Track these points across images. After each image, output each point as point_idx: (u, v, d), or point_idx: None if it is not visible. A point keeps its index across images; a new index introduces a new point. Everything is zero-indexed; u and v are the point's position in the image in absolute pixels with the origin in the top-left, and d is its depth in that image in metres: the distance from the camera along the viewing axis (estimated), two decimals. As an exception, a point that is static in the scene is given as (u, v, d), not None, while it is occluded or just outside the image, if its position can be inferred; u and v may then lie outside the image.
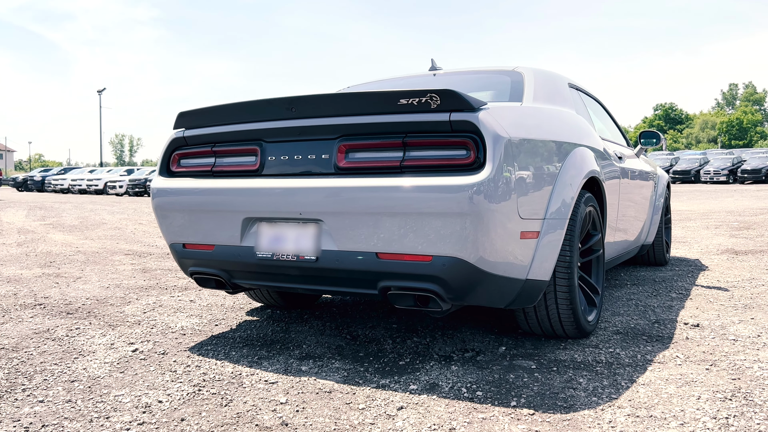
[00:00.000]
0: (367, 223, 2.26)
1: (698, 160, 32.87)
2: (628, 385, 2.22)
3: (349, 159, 2.35)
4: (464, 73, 3.58)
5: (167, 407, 2.09)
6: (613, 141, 3.95)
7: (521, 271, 2.36)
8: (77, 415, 2.02)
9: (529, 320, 2.74)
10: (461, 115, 2.17)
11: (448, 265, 2.18)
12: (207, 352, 2.72)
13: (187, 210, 2.68)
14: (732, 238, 6.77)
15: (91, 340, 2.91)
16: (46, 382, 2.34)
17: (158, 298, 3.92)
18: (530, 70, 3.21)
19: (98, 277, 4.73)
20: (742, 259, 5.20)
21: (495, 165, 2.13)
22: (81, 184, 30.20)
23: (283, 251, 2.44)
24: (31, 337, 2.96)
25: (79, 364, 2.55)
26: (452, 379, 2.31)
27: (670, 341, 2.78)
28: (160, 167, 2.83)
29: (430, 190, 2.13)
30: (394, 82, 3.73)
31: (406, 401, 2.11)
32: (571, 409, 2.01)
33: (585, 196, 2.77)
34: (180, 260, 2.82)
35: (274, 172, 2.50)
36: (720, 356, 2.54)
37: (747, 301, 3.56)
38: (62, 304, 3.73)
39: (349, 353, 2.67)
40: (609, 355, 2.58)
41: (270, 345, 2.82)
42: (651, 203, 4.62)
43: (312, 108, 2.40)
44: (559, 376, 2.33)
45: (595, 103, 4.13)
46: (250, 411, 2.05)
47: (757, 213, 10.20)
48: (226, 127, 2.60)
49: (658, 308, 3.44)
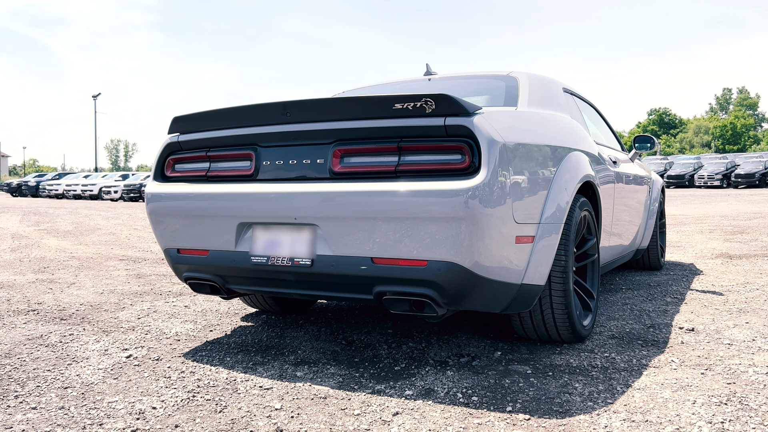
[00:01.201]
0: (363, 228, 2.25)
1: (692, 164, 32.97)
2: (624, 390, 2.22)
3: (344, 164, 2.34)
4: (459, 78, 3.59)
5: (161, 414, 2.07)
6: (607, 145, 3.96)
7: (516, 276, 2.35)
8: (70, 421, 2.01)
9: (524, 325, 2.73)
10: (456, 119, 2.17)
11: (444, 270, 2.18)
12: (201, 358, 2.71)
13: (181, 215, 2.67)
14: (726, 242, 6.79)
15: (84, 346, 2.89)
16: (39, 388, 2.32)
17: (153, 303, 3.90)
18: (525, 75, 3.22)
19: (92, 283, 4.71)
20: (736, 264, 5.21)
21: (490, 169, 2.13)
22: (76, 189, 30.11)
23: (278, 256, 2.43)
24: (24, 344, 2.94)
25: (72, 371, 2.53)
26: (448, 385, 2.30)
27: (666, 345, 2.78)
28: (154, 172, 2.83)
29: (426, 194, 2.13)
30: (389, 86, 3.73)
31: (401, 407, 2.10)
32: (566, 414, 2.01)
33: (580, 201, 2.77)
34: (174, 265, 2.81)
35: (269, 176, 2.49)
36: (715, 360, 2.54)
37: (741, 306, 3.56)
38: (56, 309, 3.71)
39: (345, 359, 2.66)
40: (604, 359, 2.58)
41: (265, 351, 2.80)
42: (646, 207, 4.63)
43: (307, 113, 2.39)
44: (554, 380, 2.33)
45: (590, 108, 4.14)
46: (245, 417, 2.04)
47: (750, 217, 10.24)
48: (221, 131, 2.60)
49: (653, 312, 3.44)
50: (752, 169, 28.89)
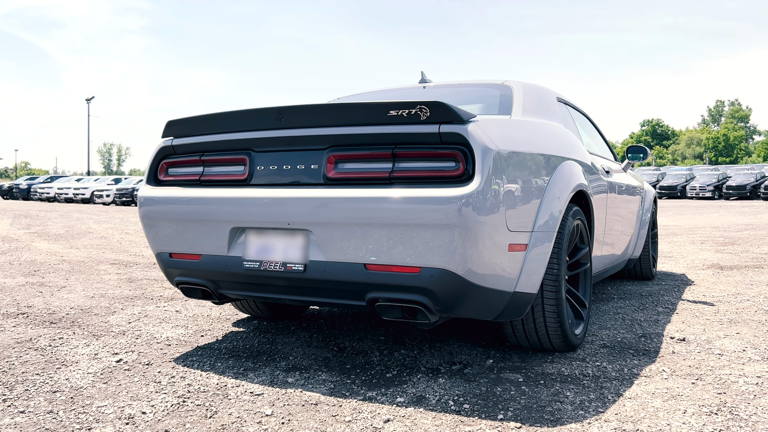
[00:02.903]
0: (356, 234, 2.25)
1: (684, 175, 33.17)
2: (615, 399, 2.22)
3: (338, 169, 2.34)
4: (454, 86, 3.60)
5: (151, 418, 2.06)
6: (600, 155, 3.98)
7: (509, 284, 2.36)
8: (59, 426, 1.99)
9: (516, 333, 2.73)
10: (450, 127, 2.17)
11: (437, 277, 2.18)
12: (192, 363, 2.69)
13: (174, 219, 2.66)
14: (717, 253, 6.83)
15: (74, 350, 2.87)
16: (27, 392, 2.30)
17: (144, 308, 3.88)
18: (519, 84, 3.24)
19: (83, 287, 4.68)
20: (727, 274, 5.24)
21: (484, 177, 2.14)
22: (67, 192, 29.95)
23: (271, 261, 2.43)
24: (13, 347, 2.91)
25: (61, 375, 2.51)
26: (439, 392, 2.30)
27: (657, 355, 2.78)
28: (147, 176, 2.82)
29: (419, 201, 2.13)
30: (384, 93, 3.74)
31: (392, 414, 2.09)
32: (558, 423, 2.00)
33: (573, 210, 2.78)
34: (166, 270, 2.79)
35: (263, 181, 2.49)
36: (706, 370, 2.55)
37: (732, 316, 3.58)
38: (46, 313, 3.68)
39: (336, 365, 2.66)
40: (596, 368, 2.58)
41: (256, 356, 2.79)
42: (638, 217, 4.65)
43: (301, 118, 2.39)
44: (546, 389, 2.33)
45: (583, 118, 4.16)
46: (235, 423, 2.02)
47: (741, 229, 10.30)
48: (215, 136, 2.59)
49: (644, 322, 3.45)
50: (743, 181, 29.08)
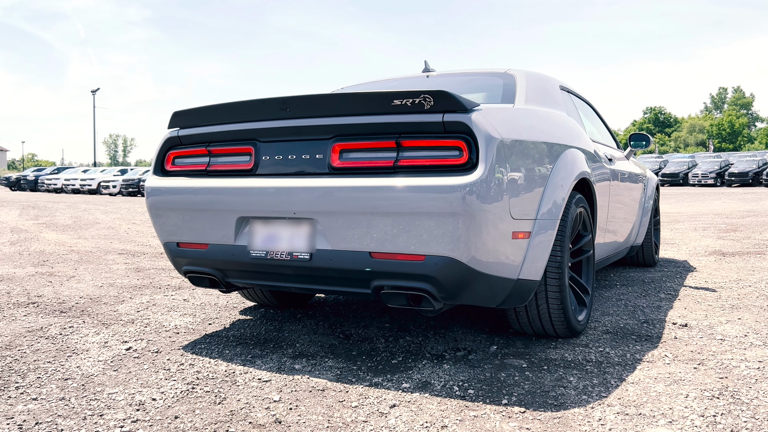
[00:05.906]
0: (361, 223, 2.28)
1: (686, 163, 33.07)
2: (618, 384, 2.25)
3: (343, 159, 2.36)
4: (457, 75, 3.61)
5: (161, 405, 2.10)
6: (603, 143, 3.99)
7: (513, 271, 2.38)
8: (71, 412, 2.03)
9: (520, 320, 2.76)
10: (454, 116, 2.19)
11: (441, 265, 2.21)
12: (200, 350, 2.73)
13: (181, 209, 2.69)
14: (719, 240, 6.84)
15: (84, 339, 2.91)
16: (39, 380, 2.34)
17: (152, 297, 3.92)
18: (522, 73, 3.24)
19: (92, 276, 4.73)
20: (729, 261, 5.26)
21: (487, 166, 2.16)
22: (74, 183, 30.02)
23: (277, 250, 2.46)
24: (25, 336, 2.96)
25: (72, 363, 2.55)
26: (444, 378, 2.33)
27: (659, 341, 2.81)
28: (154, 166, 2.84)
29: (424, 190, 2.15)
30: (388, 83, 3.75)
31: (398, 399, 2.13)
32: (561, 407, 2.04)
33: (576, 197, 2.80)
34: (174, 259, 2.83)
35: (269, 171, 2.51)
36: (708, 355, 2.58)
37: (734, 302, 3.60)
38: (56, 302, 3.73)
39: (342, 352, 2.69)
40: (599, 354, 2.61)
41: (263, 344, 2.83)
42: (640, 205, 4.67)
43: (306, 108, 2.41)
44: (549, 374, 2.36)
45: (586, 106, 4.17)
46: (244, 409, 2.06)
47: (743, 215, 10.30)
48: (221, 126, 2.62)
49: (647, 308, 3.48)
50: (746, 168, 28.99)
